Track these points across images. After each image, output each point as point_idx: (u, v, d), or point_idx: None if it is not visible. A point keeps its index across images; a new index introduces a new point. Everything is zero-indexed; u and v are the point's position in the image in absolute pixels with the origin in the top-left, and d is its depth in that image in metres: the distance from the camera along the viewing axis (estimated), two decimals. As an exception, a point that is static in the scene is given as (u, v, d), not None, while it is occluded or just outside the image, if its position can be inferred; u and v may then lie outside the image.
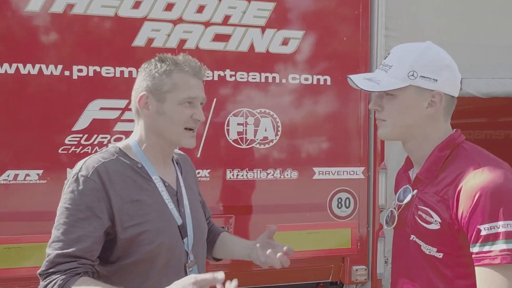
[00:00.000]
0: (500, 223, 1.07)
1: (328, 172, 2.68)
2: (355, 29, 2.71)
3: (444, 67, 1.25)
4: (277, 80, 2.61)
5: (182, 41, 2.47)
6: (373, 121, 2.73)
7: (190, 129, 1.39)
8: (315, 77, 2.65)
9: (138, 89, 1.40)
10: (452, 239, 1.18)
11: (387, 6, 2.86)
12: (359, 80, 1.29)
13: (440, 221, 1.20)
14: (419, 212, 1.26)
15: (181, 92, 1.36)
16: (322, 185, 2.67)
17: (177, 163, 1.52)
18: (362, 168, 2.72)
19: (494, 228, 1.08)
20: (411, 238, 1.29)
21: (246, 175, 2.56)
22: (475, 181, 1.13)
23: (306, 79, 2.65)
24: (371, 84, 1.27)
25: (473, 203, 1.11)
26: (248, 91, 2.59)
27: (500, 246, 1.07)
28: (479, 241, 1.10)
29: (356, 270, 2.70)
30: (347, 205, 2.70)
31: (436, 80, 1.24)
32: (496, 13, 3.17)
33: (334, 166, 2.68)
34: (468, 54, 3.14)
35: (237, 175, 2.55)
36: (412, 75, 1.23)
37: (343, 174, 2.69)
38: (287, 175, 2.62)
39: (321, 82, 2.66)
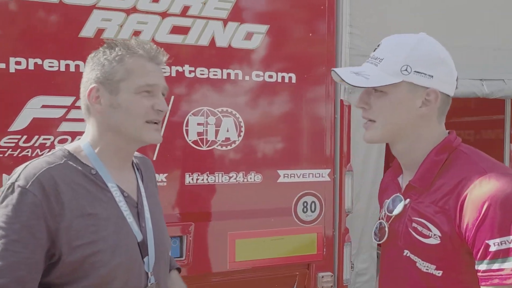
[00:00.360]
0: None
1: (293, 175, 2.54)
2: (320, 25, 2.59)
3: (440, 62, 1.13)
4: (240, 77, 2.44)
5: (136, 33, 2.24)
6: (340, 121, 2.63)
7: (153, 122, 1.20)
8: (280, 74, 2.50)
9: (87, 82, 1.20)
10: (453, 255, 1.06)
11: (351, 3, 2.76)
12: (345, 74, 1.14)
13: (440, 234, 1.06)
14: (414, 225, 1.13)
15: (136, 79, 1.17)
16: (287, 189, 2.53)
17: (137, 169, 1.32)
18: (328, 170, 2.61)
19: (505, 243, 0.96)
20: (404, 254, 1.15)
21: (207, 179, 2.38)
22: (482, 189, 1.01)
23: (271, 77, 2.49)
24: (358, 78, 1.12)
25: (481, 214, 0.99)
26: (209, 89, 2.40)
27: None
28: (488, 257, 0.98)
29: (322, 277, 2.58)
30: (313, 209, 2.58)
31: (432, 77, 1.11)
32: (455, 15, 3.17)
33: (300, 168, 2.55)
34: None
35: (197, 179, 2.36)
36: (406, 70, 1.10)
37: (309, 176, 2.57)
38: (251, 178, 2.46)
39: (286, 80, 2.52)
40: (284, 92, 2.52)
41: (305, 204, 2.56)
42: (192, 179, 2.35)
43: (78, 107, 1.38)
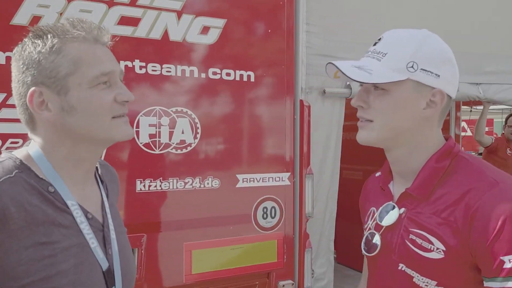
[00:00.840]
0: None
1: (252, 179, 2.39)
2: (279, 21, 2.46)
3: (446, 61, 1.04)
4: (196, 75, 2.25)
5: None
6: (300, 122, 2.52)
7: (120, 116, 0.99)
8: (238, 72, 2.35)
9: (21, 86, 0.95)
10: (457, 271, 0.97)
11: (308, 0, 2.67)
12: (346, 68, 1.02)
13: (444, 248, 0.97)
14: (412, 237, 1.03)
15: (87, 70, 0.95)
16: (247, 194, 2.38)
17: (101, 181, 1.10)
18: (288, 174, 2.49)
19: None
20: (399, 268, 1.05)
21: (160, 186, 2.17)
22: (496, 202, 0.92)
23: (228, 75, 2.33)
24: (361, 73, 1.00)
25: (496, 229, 0.90)
26: (162, 87, 2.18)
27: None
28: (501, 274, 0.90)
29: (283, 285, 2.45)
30: (273, 215, 2.45)
31: (438, 76, 1.02)
32: (408, 14, 3.19)
33: (259, 172, 2.41)
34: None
35: (149, 186, 2.14)
36: (412, 67, 1.00)
37: (269, 180, 2.43)
38: (208, 184, 2.28)
39: (245, 79, 2.36)
40: (242, 92, 2.37)
41: (265, 209, 2.42)
42: (144, 186, 2.13)
43: (11, 106, 1.15)
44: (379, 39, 1.07)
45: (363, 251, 1.14)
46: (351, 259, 4.81)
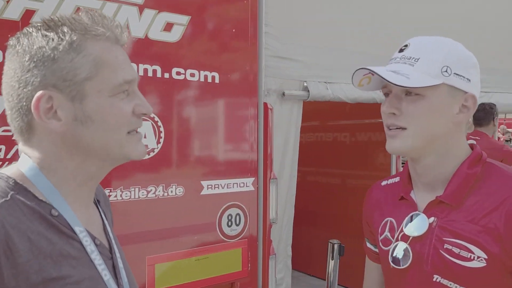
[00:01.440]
0: None
1: (217, 186, 2.27)
2: (244, 20, 2.37)
3: (474, 66, 1.04)
4: (159, 74, 2.08)
5: (29, 12, 1.74)
6: (263, 125, 2.44)
7: (135, 131, 0.86)
8: (202, 73, 2.22)
9: (24, 87, 0.78)
10: (499, 278, 0.97)
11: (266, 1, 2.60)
12: (383, 72, 0.98)
13: (486, 257, 0.96)
14: (447, 246, 1.00)
15: (110, 75, 0.80)
16: (211, 201, 2.26)
17: (98, 201, 0.94)
18: (252, 179, 2.40)
19: None
20: (434, 279, 1.02)
21: (121, 196, 1.98)
22: None
23: (193, 75, 2.19)
24: (399, 77, 0.97)
25: None
26: (123, 87, 1.99)
27: None
28: None
29: (248, 295, 2.37)
30: (238, 222, 2.35)
31: (470, 80, 1.01)
32: (367, 21, 3.24)
33: (224, 178, 2.30)
34: (341, 58, 3.14)
35: (109, 195, 1.94)
36: (446, 71, 0.99)
37: (233, 186, 2.33)
38: (172, 192, 2.12)
39: (209, 80, 2.24)
40: (207, 93, 2.24)
41: (229, 217, 2.32)
42: (103, 196, 1.93)
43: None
44: (406, 45, 1.04)
45: (392, 264, 1.09)
46: (303, 263, 4.84)
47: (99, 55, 0.80)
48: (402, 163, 4.08)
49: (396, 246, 1.09)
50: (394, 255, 1.09)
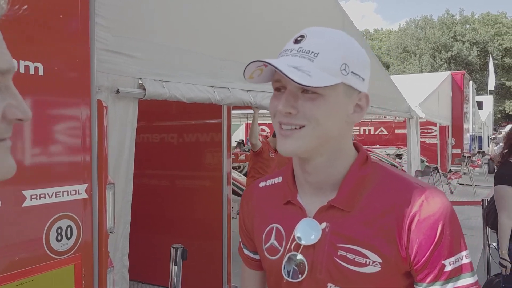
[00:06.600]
0: (463, 253, 0.93)
1: (43, 195, 1.95)
2: (73, 5, 2.08)
3: (368, 65, 1.00)
4: (-36, 62, 1.68)
5: None
6: (97, 125, 2.19)
7: (2, 140, 0.66)
8: (23, 63, 1.87)
9: None
10: (393, 281, 0.96)
11: (97, -15, 2.36)
12: (284, 68, 0.88)
13: (380, 261, 0.94)
14: (341, 253, 0.97)
15: None
16: (36, 214, 1.92)
17: None
18: (85, 185, 2.14)
19: (458, 260, 0.93)
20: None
21: None
22: (431, 208, 0.93)
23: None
24: (301, 75, 0.88)
25: (438, 235, 0.92)
26: None
27: (466, 280, 0.92)
28: (442, 278, 0.92)
29: (82, 316, 2.10)
30: (69, 235, 2.06)
31: (363, 80, 0.98)
32: (194, 19, 3.20)
33: (51, 186, 1.98)
34: (178, 57, 3.04)
35: None
36: (344, 69, 0.93)
37: (63, 195, 2.03)
38: (-16, 206, 1.74)
39: (31, 71, 1.90)
40: (29, 87, 1.90)
41: (59, 230, 2.01)
42: None
43: None
44: (302, 36, 0.95)
45: (286, 278, 1.01)
46: (142, 272, 4.57)
47: None
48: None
49: (288, 257, 1.02)
50: (288, 268, 1.02)
